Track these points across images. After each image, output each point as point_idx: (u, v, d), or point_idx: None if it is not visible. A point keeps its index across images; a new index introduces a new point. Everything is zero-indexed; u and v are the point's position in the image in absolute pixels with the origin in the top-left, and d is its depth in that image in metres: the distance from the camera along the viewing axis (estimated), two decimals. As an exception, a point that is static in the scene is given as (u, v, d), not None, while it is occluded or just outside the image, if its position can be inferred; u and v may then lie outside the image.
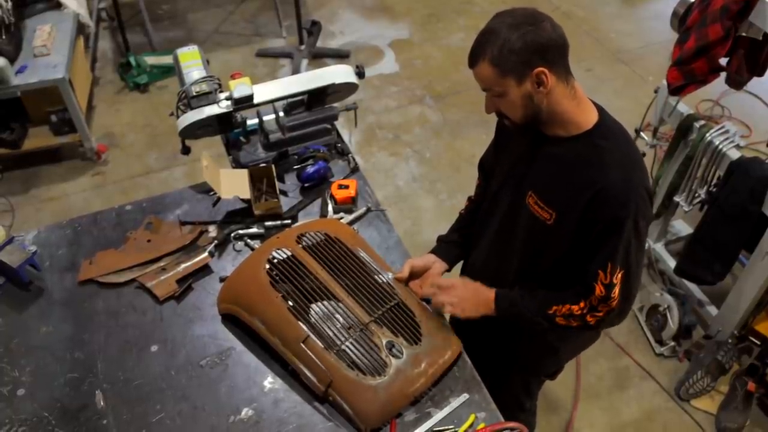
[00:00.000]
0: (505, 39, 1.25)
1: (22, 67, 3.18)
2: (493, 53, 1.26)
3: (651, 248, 2.87)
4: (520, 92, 1.29)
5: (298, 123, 2.05)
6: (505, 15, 1.29)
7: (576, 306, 1.42)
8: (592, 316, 1.43)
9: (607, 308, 1.41)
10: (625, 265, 1.37)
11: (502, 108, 1.35)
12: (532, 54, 1.25)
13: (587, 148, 1.35)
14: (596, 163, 1.33)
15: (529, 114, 1.33)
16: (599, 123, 1.36)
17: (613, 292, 1.38)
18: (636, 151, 1.40)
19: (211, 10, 4.72)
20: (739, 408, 2.42)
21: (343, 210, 1.89)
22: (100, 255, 1.78)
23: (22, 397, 1.49)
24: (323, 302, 1.52)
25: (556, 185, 1.38)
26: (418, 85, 4.04)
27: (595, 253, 1.37)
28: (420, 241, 2.97)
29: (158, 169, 3.52)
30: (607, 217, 1.32)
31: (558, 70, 1.29)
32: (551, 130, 1.37)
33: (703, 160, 2.42)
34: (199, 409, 1.45)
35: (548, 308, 1.45)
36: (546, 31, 1.26)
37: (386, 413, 1.40)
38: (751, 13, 2.06)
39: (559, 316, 1.45)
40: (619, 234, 1.33)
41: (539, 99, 1.30)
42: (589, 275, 1.38)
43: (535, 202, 1.42)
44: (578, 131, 1.35)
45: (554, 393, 2.52)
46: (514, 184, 1.48)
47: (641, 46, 4.32)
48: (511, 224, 1.51)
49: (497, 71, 1.27)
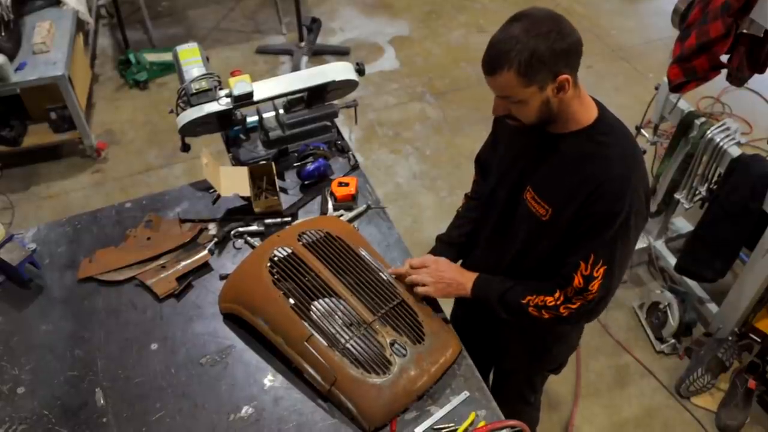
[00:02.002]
0: (534, 48, 1.20)
1: (22, 64, 3.18)
2: (520, 63, 1.21)
3: (652, 245, 2.87)
4: (541, 98, 1.27)
5: (298, 120, 2.04)
6: (524, 19, 1.23)
7: (551, 297, 1.42)
8: (566, 308, 1.41)
9: (582, 300, 1.40)
10: (608, 261, 1.35)
11: (516, 112, 1.32)
12: (559, 62, 1.23)
13: (588, 143, 1.34)
14: (598, 158, 1.33)
15: (543, 117, 1.32)
16: (599, 119, 1.36)
17: (592, 285, 1.37)
18: (636, 147, 1.39)
19: (211, 7, 4.71)
20: (740, 405, 2.42)
21: (344, 207, 1.88)
22: (99, 253, 1.78)
23: (22, 395, 1.48)
24: (324, 300, 1.52)
25: (555, 181, 1.38)
26: (419, 82, 4.04)
27: (580, 244, 1.36)
28: (420, 239, 2.97)
29: (158, 167, 3.52)
30: (602, 210, 1.32)
31: (575, 73, 1.28)
32: (553, 127, 1.36)
33: (703, 158, 2.41)
34: (199, 407, 1.45)
35: (522, 298, 1.45)
36: (569, 35, 1.24)
37: (390, 412, 1.40)
38: (752, 10, 2.05)
39: (531, 307, 1.44)
40: (608, 227, 1.32)
41: (555, 103, 1.29)
42: (570, 265, 1.38)
43: (532, 197, 1.41)
44: (579, 127, 1.35)
45: (555, 390, 2.52)
46: (513, 179, 1.47)
47: (642, 42, 4.31)
48: (508, 219, 1.50)
49: (523, 81, 1.23)
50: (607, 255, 1.35)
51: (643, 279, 2.94)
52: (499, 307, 1.49)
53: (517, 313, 1.47)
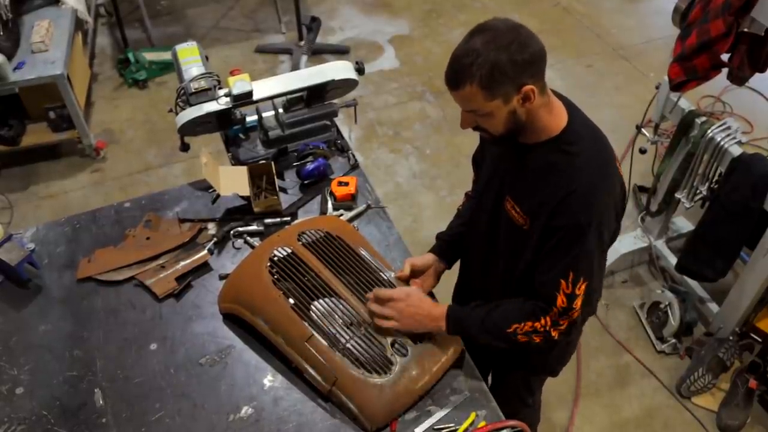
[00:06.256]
0: (494, 60, 1.19)
1: (20, 63, 3.17)
2: (482, 76, 1.20)
3: (652, 245, 2.87)
4: (506, 110, 1.26)
5: (297, 120, 2.04)
6: (485, 32, 1.22)
7: (539, 323, 1.37)
8: (556, 330, 1.38)
9: (569, 320, 1.36)
10: (588, 276, 1.33)
11: (483, 124, 1.31)
12: (522, 73, 1.21)
13: (555, 153, 1.32)
14: (563, 169, 1.31)
15: (511, 128, 1.30)
16: (567, 127, 1.33)
17: (575, 303, 1.34)
18: (606, 154, 1.36)
19: (210, 6, 4.70)
20: (741, 405, 2.42)
21: (343, 207, 1.88)
22: (98, 252, 1.78)
23: (20, 396, 1.48)
24: (324, 299, 1.51)
25: (529, 191, 1.36)
26: (418, 81, 4.03)
27: (556, 261, 1.33)
28: (420, 238, 2.96)
29: (157, 166, 3.51)
30: (568, 223, 1.29)
31: (541, 82, 1.27)
32: (523, 137, 1.34)
33: (704, 157, 2.41)
34: (198, 407, 1.44)
35: (507, 327, 1.39)
36: (530, 45, 1.22)
37: (392, 412, 1.39)
38: (753, 9, 2.05)
39: (520, 334, 1.39)
40: (581, 242, 1.30)
41: (522, 113, 1.28)
42: (549, 284, 1.34)
43: (512, 207, 1.40)
44: (547, 137, 1.33)
45: (555, 390, 2.52)
46: (495, 188, 1.46)
47: (642, 41, 4.30)
48: (494, 227, 1.49)
49: (486, 94, 1.22)
50: (586, 271, 1.33)
51: (644, 279, 2.94)
52: (483, 337, 1.43)
53: (503, 340, 1.42)
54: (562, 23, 4.46)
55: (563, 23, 4.47)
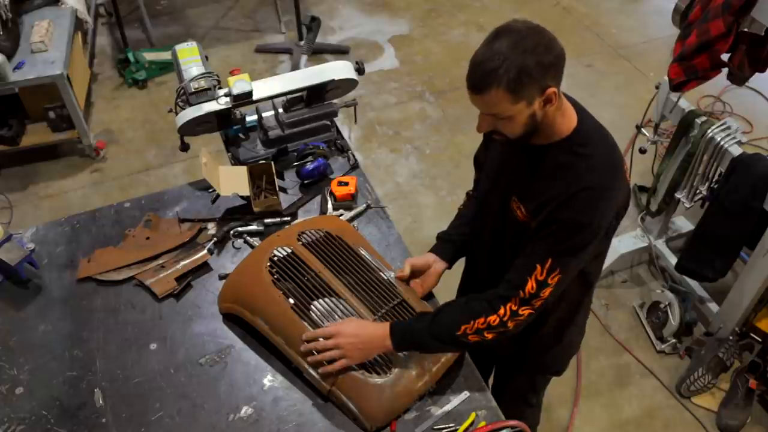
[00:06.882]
0: (522, 63, 1.17)
1: (20, 63, 3.17)
2: (510, 80, 1.18)
3: (652, 245, 2.87)
4: (528, 113, 1.25)
5: (297, 119, 2.04)
6: (509, 35, 1.20)
7: (492, 316, 1.34)
8: (514, 320, 1.34)
9: (530, 310, 1.33)
10: (564, 271, 1.31)
11: (502, 128, 1.30)
12: (546, 75, 1.20)
13: (565, 155, 1.32)
14: (572, 170, 1.31)
15: (529, 131, 1.29)
16: (577, 129, 1.33)
17: (543, 292, 1.31)
18: (614, 156, 1.35)
19: (210, 6, 4.70)
20: (741, 405, 2.42)
21: (343, 207, 1.88)
22: (98, 252, 1.77)
23: (20, 396, 1.48)
24: (324, 299, 1.51)
25: (536, 192, 1.36)
26: (418, 81, 4.03)
27: (541, 247, 1.31)
28: (420, 238, 2.96)
29: (157, 166, 3.51)
30: (567, 217, 1.28)
31: (560, 84, 1.26)
32: (535, 139, 1.34)
33: (704, 157, 2.41)
34: (198, 407, 1.44)
35: (456, 329, 1.35)
36: (554, 47, 1.21)
37: (392, 412, 1.39)
38: (753, 9, 2.05)
39: (470, 334, 1.35)
40: (571, 236, 1.29)
41: (540, 116, 1.27)
42: (525, 268, 1.31)
43: (518, 207, 1.40)
44: (558, 138, 1.33)
45: (555, 390, 2.51)
46: (500, 188, 1.46)
47: (642, 41, 4.30)
48: (501, 225, 1.48)
49: (512, 97, 1.20)
50: (565, 264, 1.31)
51: (644, 278, 2.94)
52: (433, 344, 1.39)
53: (454, 344, 1.39)
54: (562, 23, 4.46)
55: (563, 23, 4.46)
